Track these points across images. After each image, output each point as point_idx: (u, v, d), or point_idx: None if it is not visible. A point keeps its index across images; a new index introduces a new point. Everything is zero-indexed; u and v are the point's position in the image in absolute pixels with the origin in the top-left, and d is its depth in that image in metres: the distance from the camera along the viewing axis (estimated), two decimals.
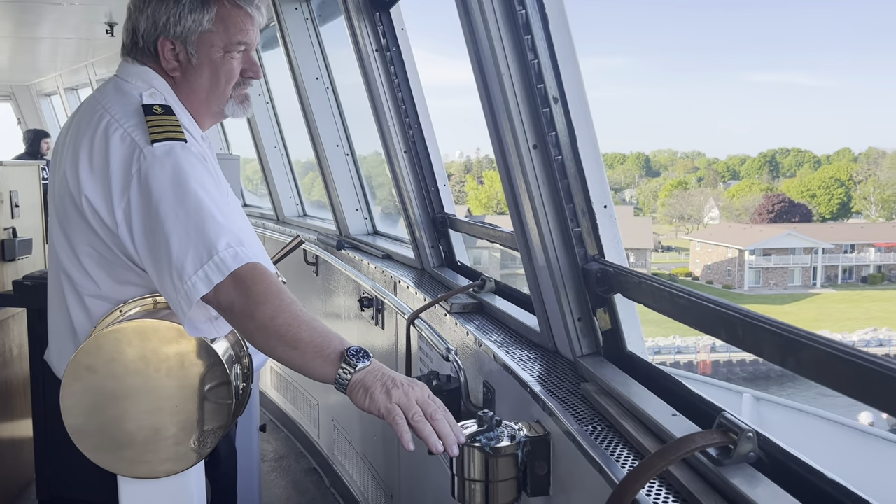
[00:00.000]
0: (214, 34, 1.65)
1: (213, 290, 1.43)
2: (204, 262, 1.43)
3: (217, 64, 1.67)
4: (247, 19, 1.68)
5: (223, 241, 1.45)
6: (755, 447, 1.10)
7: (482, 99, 1.83)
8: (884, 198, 60.17)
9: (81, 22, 6.18)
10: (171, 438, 1.62)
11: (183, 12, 1.62)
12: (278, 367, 4.84)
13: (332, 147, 4.05)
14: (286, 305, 1.41)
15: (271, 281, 1.45)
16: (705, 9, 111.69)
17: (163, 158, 1.51)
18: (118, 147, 1.53)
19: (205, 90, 1.69)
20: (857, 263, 49.25)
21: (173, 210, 1.47)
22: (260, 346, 1.46)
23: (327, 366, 1.37)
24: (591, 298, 1.73)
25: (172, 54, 1.66)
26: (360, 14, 2.94)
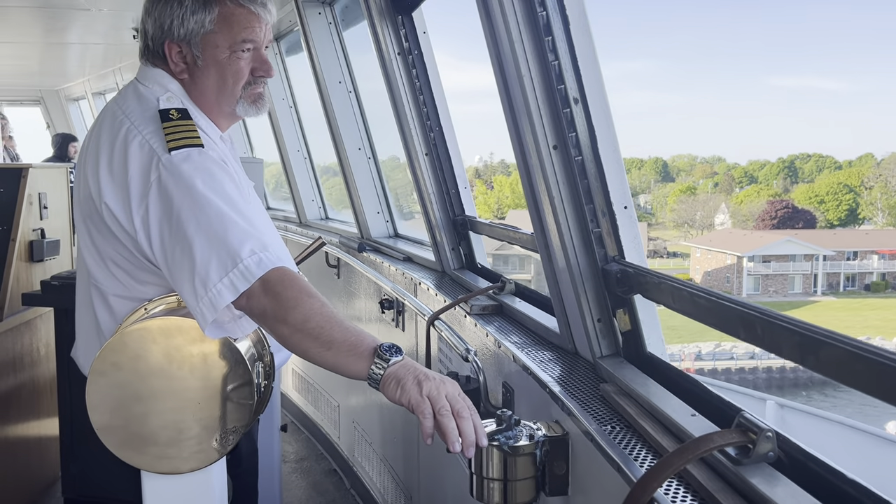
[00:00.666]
0: (218, 34, 1.64)
1: (245, 297, 1.45)
2: (229, 269, 1.44)
3: (223, 64, 1.66)
4: (251, 17, 1.67)
5: (247, 247, 1.45)
6: (774, 447, 1.10)
7: (503, 100, 1.84)
8: (891, 204, 58.98)
9: (109, 27, 6.28)
10: (194, 437, 1.64)
11: (186, 14, 1.63)
12: (300, 369, 4.87)
13: (354, 150, 4.08)
14: (317, 308, 1.42)
15: (301, 284, 1.46)
16: (730, 12, 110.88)
17: (181, 166, 1.52)
18: (137, 154, 1.55)
19: (213, 91, 1.69)
20: (859, 271, 48.16)
21: (195, 218, 1.48)
22: (293, 349, 1.47)
23: (361, 362, 1.39)
24: (610, 299, 1.73)
25: (179, 57, 1.67)
26: (382, 17, 2.97)
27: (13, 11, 5.54)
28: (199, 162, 1.53)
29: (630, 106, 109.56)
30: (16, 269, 3.41)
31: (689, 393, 1.44)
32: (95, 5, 5.32)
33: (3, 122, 7.72)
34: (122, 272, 1.68)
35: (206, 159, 1.55)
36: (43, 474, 3.71)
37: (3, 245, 3.39)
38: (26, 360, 3.55)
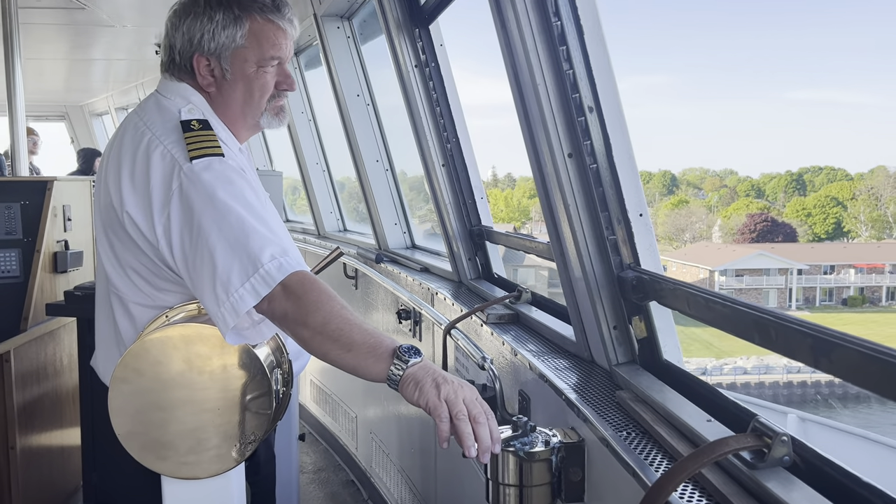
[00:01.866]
0: (248, 49, 1.67)
1: (266, 301, 1.47)
2: (250, 274, 1.46)
3: (251, 78, 1.70)
4: (279, 33, 1.70)
5: (267, 252, 1.47)
6: (790, 451, 1.10)
7: (518, 108, 1.86)
8: (874, 217, 57.81)
9: (133, 43, 6.39)
10: (213, 444, 1.66)
11: (216, 29, 1.65)
12: (317, 380, 4.90)
13: (371, 162, 4.11)
14: (337, 311, 1.45)
15: (321, 288, 1.48)
16: (747, 27, 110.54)
17: (202, 175, 1.54)
18: (158, 164, 1.57)
19: (239, 104, 1.72)
20: (836, 285, 46.99)
21: (216, 225, 1.50)
22: (314, 351, 1.49)
23: (380, 364, 1.40)
24: (626, 306, 1.73)
25: (207, 70, 1.69)
26: (400, 31, 3.00)
27: (40, 29, 5.66)
28: (220, 170, 1.56)
29: (645, 119, 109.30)
30: (40, 280, 3.47)
31: (705, 399, 1.44)
32: (119, 22, 5.43)
33: (35, 139, 7.88)
34: (142, 280, 1.71)
35: (227, 168, 1.57)
36: (65, 483, 3.75)
37: (29, 256, 3.45)
38: (49, 369, 3.60)
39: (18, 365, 3.28)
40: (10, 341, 3.21)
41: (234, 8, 1.66)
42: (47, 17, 5.24)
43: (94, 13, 5.06)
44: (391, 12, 3.02)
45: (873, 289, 46.91)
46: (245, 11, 1.66)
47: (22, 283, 3.43)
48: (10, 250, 3.43)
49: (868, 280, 46.40)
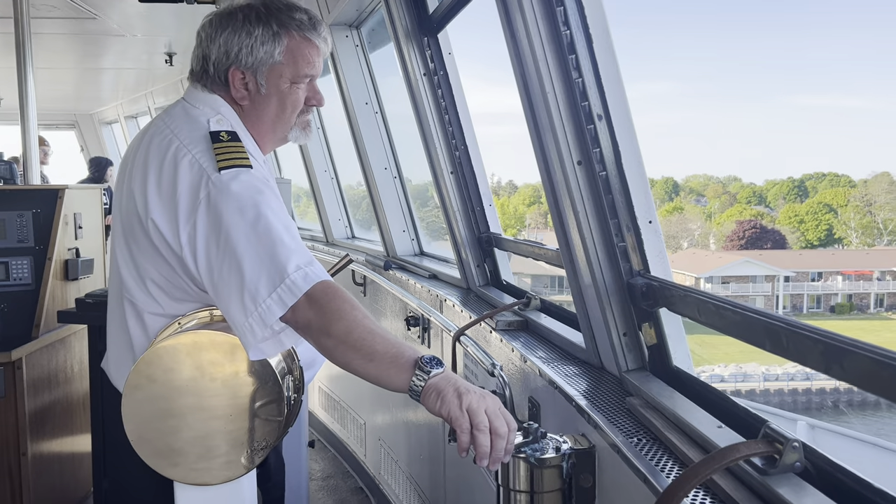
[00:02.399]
0: (284, 66, 1.69)
1: (291, 310, 1.47)
2: (277, 284, 1.46)
3: (284, 94, 1.71)
4: (314, 51, 1.72)
5: (293, 262, 1.48)
6: (801, 457, 1.10)
7: (527, 116, 1.87)
8: (864, 224, 57.21)
9: (142, 53, 6.45)
10: (224, 450, 1.67)
11: (255, 44, 1.66)
12: (326, 387, 4.91)
13: (380, 170, 4.13)
14: (360, 320, 1.45)
15: (344, 297, 1.48)
16: (756, 33, 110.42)
17: (230, 185, 1.55)
18: (186, 173, 1.58)
19: (271, 118, 1.74)
20: (823, 292, 46.38)
21: (245, 235, 1.51)
22: (336, 360, 1.48)
23: (402, 374, 1.40)
24: (636, 313, 1.74)
25: (242, 83, 1.70)
26: (408, 39, 3.02)
27: (51, 38, 5.72)
28: (248, 182, 1.56)
29: (650, 126, 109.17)
30: (52, 288, 3.49)
31: (716, 405, 1.44)
32: (129, 31, 5.47)
33: (46, 149, 7.95)
34: (159, 290, 1.72)
35: (254, 179, 1.58)
36: (76, 489, 3.77)
37: (40, 264, 3.48)
38: (60, 376, 3.62)
39: (30, 372, 3.30)
40: (22, 348, 3.23)
41: (272, 24, 1.67)
42: (59, 27, 5.29)
43: (105, 23, 5.10)
44: (400, 21, 3.04)
45: (861, 296, 46.38)
46: (284, 28, 1.67)
47: (34, 290, 3.46)
48: (22, 258, 3.46)
49: (856, 287, 45.92)
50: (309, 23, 1.71)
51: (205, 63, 1.71)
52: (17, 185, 3.76)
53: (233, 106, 1.73)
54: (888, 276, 45.71)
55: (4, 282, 3.41)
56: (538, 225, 55.57)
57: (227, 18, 1.68)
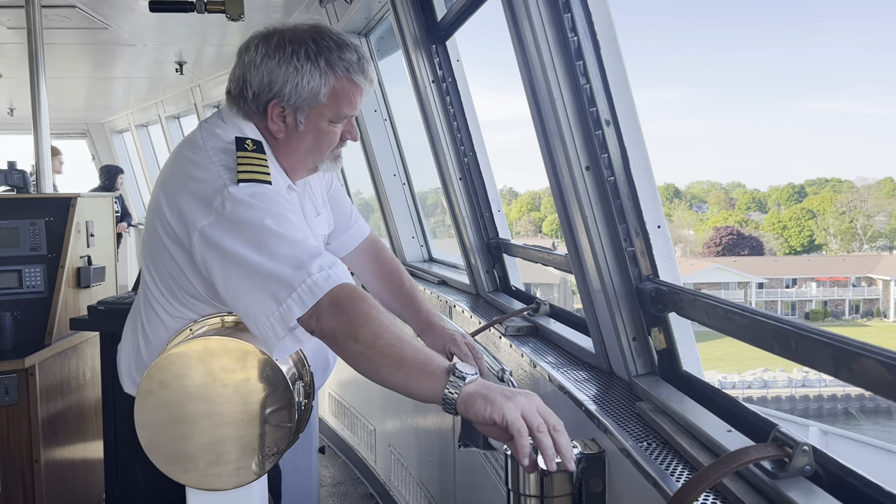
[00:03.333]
0: (326, 106, 1.65)
1: (315, 318, 1.42)
2: (297, 285, 1.42)
3: (322, 132, 1.69)
4: (358, 92, 1.67)
5: (316, 263, 1.44)
6: (811, 461, 1.10)
7: (535, 122, 1.88)
8: (842, 229, 56.41)
9: (153, 61, 6.50)
10: (234, 456, 1.68)
11: (301, 82, 1.61)
12: (336, 393, 4.92)
13: (389, 177, 4.15)
14: (387, 325, 1.38)
15: (369, 301, 1.42)
16: (764, 38, 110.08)
17: (248, 197, 1.53)
18: (207, 181, 1.57)
19: (304, 153, 1.72)
20: (797, 298, 45.86)
21: (263, 239, 1.48)
22: (363, 369, 1.41)
23: (434, 382, 1.31)
24: (645, 318, 1.74)
25: (280, 117, 1.67)
26: (417, 47, 3.04)
27: (65, 49, 5.77)
28: (267, 193, 1.55)
29: (657, 133, 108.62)
30: (64, 295, 3.52)
31: (725, 410, 1.44)
32: (140, 41, 5.52)
33: (60, 158, 8.03)
34: (171, 297, 1.76)
35: (273, 193, 1.56)
36: (88, 495, 3.79)
37: (53, 272, 3.51)
38: (73, 383, 3.65)
39: (43, 379, 3.32)
40: (34, 355, 3.26)
41: (320, 63, 1.62)
42: (71, 38, 5.34)
43: (116, 32, 5.15)
44: (408, 29, 3.06)
45: (836, 302, 45.95)
46: (332, 69, 1.63)
47: (46, 298, 3.49)
48: (35, 266, 3.49)
49: (830, 293, 45.42)
50: (357, 64, 1.66)
51: (244, 88, 1.67)
52: (30, 194, 3.79)
53: (265, 135, 1.70)
54: (863, 281, 45.20)
55: (18, 289, 3.44)
56: (527, 232, 55.17)
57: (275, 49, 1.63)
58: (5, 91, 7.91)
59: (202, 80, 7.41)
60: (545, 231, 44.03)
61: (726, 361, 36.37)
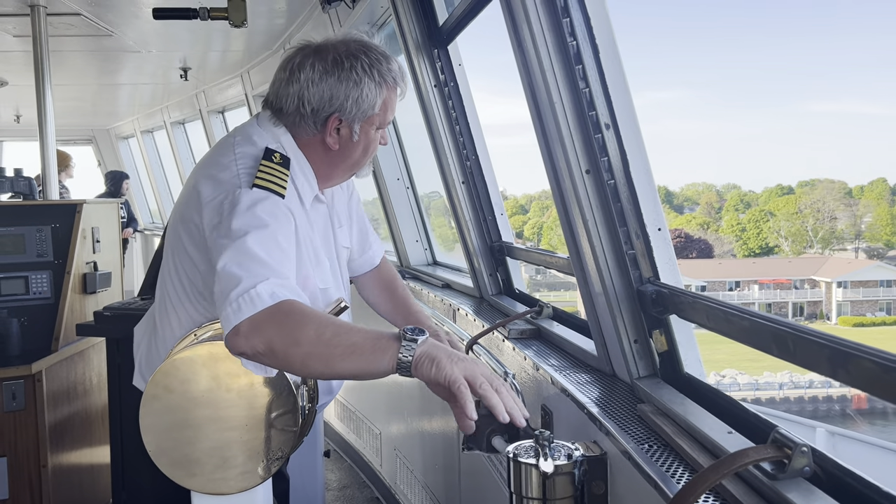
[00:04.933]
0: (376, 115, 1.75)
1: (245, 337, 1.38)
2: (242, 293, 1.40)
3: (371, 140, 1.78)
4: (396, 101, 1.78)
5: (270, 281, 1.42)
6: (810, 462, 1.10)
7: (535, 126, 1.89)
8: (793, 231, 55.69)
9: (157, 68, 6.53)
10: (240, 461, 1.69)
11: (361, 96, 1.69)
12: (341, 397, 4.93)
13: (392, 181, 4.17)
14: (326, 319, 1.38)
15: (304, 308, 1.40)
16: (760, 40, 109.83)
17: (254, 201, 1.56)
18: (226, 182, 1.62)
19: (354, 161, 1.80)
20: (739, 301, 45.51)
21: (243, 244, 1.49)
22: (316, 370, 1.40)
23: (388, 353, 1.33)
24: (646, 320, 1.74)
25: (336, 129, 1.73)
26: (419, 51, 3.06)
27: (71, 56, 5.81)
28: (271, 205, 1.58)
29: (656, 135, 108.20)
30: (70, 301, 3.54)
31: (726, 411, 1.45)
32: (145, 48, 5.55)
33: (69, 162, 8.08)
34: (186, 299, 1.80)
35: (279, 207, 1.59)
36: (95, 500, 3.81)
37: (59, 277, 3.53)
38: (79, 389, 3.67)
39: (50, 384, 3.35)
40: (41, 361, 3.28)
41: (375, 75, 1.70)
42: (76, 45, 5.38)
43: (121, 39, 5.18)
44: (410, 33, 3.07)
45: (780, 305, 45.36)
46: (384, 80, 1.72)
47: (53, 304, 3.51)
48: (41, 272, 3.51)
49: (773, 296, 44.87)
50: (400, 73, 1.75)
51: (300, 105, 1.70)
52: (36, 201, 3.82)
53: (307, 148, 1.75)
54: (806, 284, 44.75)
55: (24, 296, 3.47)
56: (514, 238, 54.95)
57: (332, 65, 1.68)
58: (12, 98, 7.96)
59: (206, 86, 7.44)
60: (527, 234, 43.40)
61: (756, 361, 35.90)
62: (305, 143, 1.75)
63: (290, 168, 1.67)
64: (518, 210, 47.72)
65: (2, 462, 3.24)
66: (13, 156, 12.78)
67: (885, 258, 48.53)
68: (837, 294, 43.34)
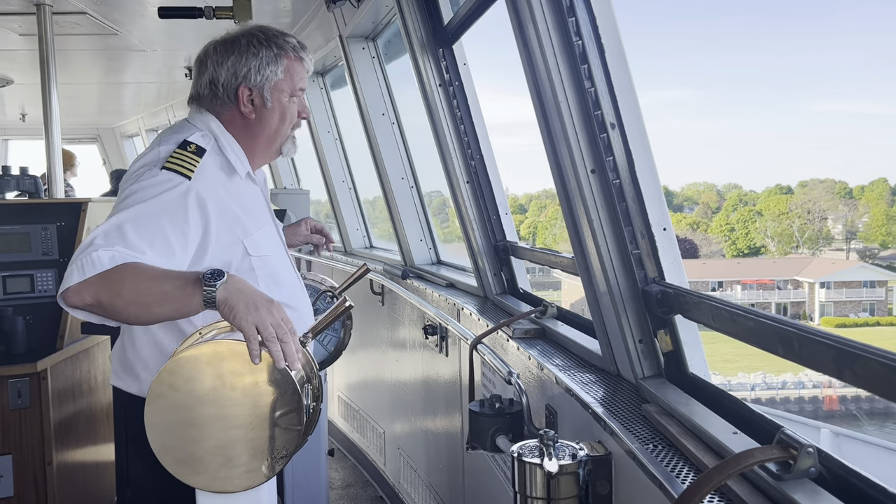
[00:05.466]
0: (284, 81, 1.94)
1: (84, 291, 1.56)
2: (85, 256, 1.58)
3: (285, 107, 1.96)
4: (303, 70, 1.98)
5: (116, 248, 1.61)
6: (816, 462, 1.10)
7: (541, 125, 1.89)
8: (779, 231, 55.08)
9: (162, 67, 6.53)
10: (244, 460, 1.69)
11: (261, 64, 1.91)
12: (345, 396, 4.93)
13: (397, 180, 4.16)
14: (143, 270, 1.58)
15: (129, 264, 1.59)
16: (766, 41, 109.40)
17: (159, 181, 1.75)
18: (147, 163, 1.83)
19: (274, 129, 1.97)
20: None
21: (132, 211, 1.70)
22: (140, 318, 1.62)
23: (195, 298, 1.54)
24: (651, 320, 1.74)
25: (249, 99, 1.93)
26: (423, 51, 3.05)
27: (76, 55, 5.82)
28: (176, 190, 1.75)
29: (659, 133, 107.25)
30: None
31: (731, 412, 1.44)
32: (150, 46, 5.56)
33: (74, 161, 8.10)
34: None
35: (177, 192, 1.75)
36: (100, 498, 3.81)
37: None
38: (84, 387, 3.68)
39: (55, 382, 3.35)
40: (47, 359, 3.29)
41: (273, 47, 1.93)
42: (81, 44, 5.38)
43: (127, 38, 5.19)
44: (415, 33, 3.07)
45: (763, 306, 44.85)
46: (282, 50, 1.94)
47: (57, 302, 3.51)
48: (46, 270, 3.52)
49: (756, 297, 44.44)
50: (299, 45, 1.98)
51: (213, 86, 1.93)
52: (41, 199, 3.83)
53: (230, 125, 1.94)
54: (790, 284, 44.40)
55: (30, 294, 3.48)
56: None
57: (231, 45, 1.93)
58: (17, 97, 7.97)
59: None
60: (523, 234, 43.25)
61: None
62: (228, 120, 1.94)
63: (215, 143, 1.87)
64: (517, 209, 47.54)
65: (7, 459, 3.25)
66: (19, 154, 12.79)
67: (878, 258, 47.86)
68: (820, 295, 43.10)
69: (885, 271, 43.67)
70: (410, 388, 3.72)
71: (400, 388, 3.90)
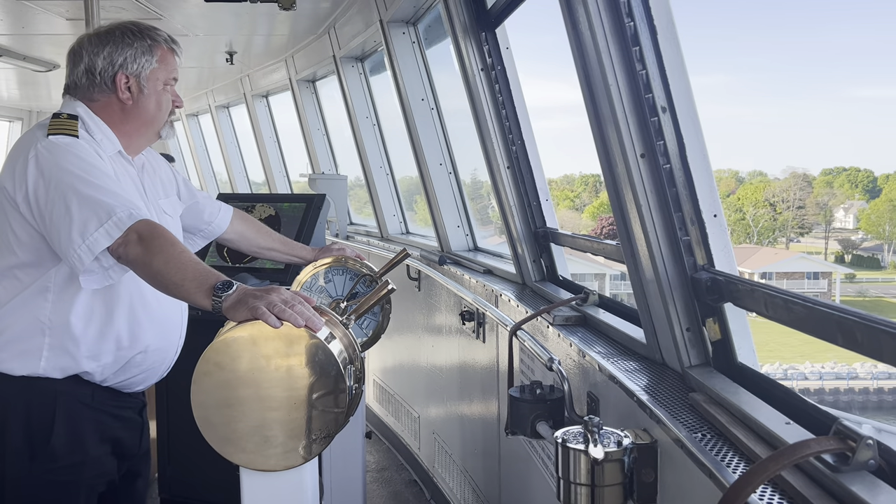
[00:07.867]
0: (158, 70, 2.10)
1: (123, 246, 1.77)
2: (104, 221, 1.77)
3: (160, 94, 2.12)
4: (175, 61, 2.15)
5: (119, 203, 1.79)
6: (875, 455, 1.07)
7: (588, 108, 1.86)
8: (734, 220, 53.00)
9: (203, 52, 6.60)
10: (281, 435, 1.71)
11: (136, 53, 2.06)
12: (380, 380, 4.96)
13: (435, 166, 4.15)
14: (177, 254, 1.76)
15: (165, 235, 1.79)
16: (818, 20, 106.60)
17: (58, 144, 1.88)
18: (25, 144, 1.93)
19: (151, 115, 2.11)
20: None
21: (74, 183, 1.81)
22: (155, 285, 1.80)
23: (207, 298, 1.70)
24: (700, 308, 1.71)
25: (126, 86, 2.06)
26: (466, 34, 3.03)
27: None
28: (76, 143, 1.90)
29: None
30: None
31: (783, 402, 1.41)
32: (192, 31, 5.61)
33: None
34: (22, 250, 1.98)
35: (80, 145, 1.90)
36: None
37: None
38: None
39: None
40: None
41: (146, 38, 2.09)
42: None
43: (169, 22, 5.24)
44: (458, 17, 3.05)
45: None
46: (155, 42, 2.10)
47: None
48: None
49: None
50: (170, 38, 2.14)
51: (90, 74, 2.05)
52: None
53: (105, 110, 2.05)
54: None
55: None
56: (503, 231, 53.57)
57: (106, 36, 2.06)
58: (63, 82, 8.12)
59: (251, 70, 7.50)
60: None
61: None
62: (102, 106, 2.05)
63: (82, 124, 1.97)
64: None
65: None
66: None
67: (861, 248, 45.76)
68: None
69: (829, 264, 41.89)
70: (446, 374, 3.73)
71: (435, 374, 3.90)
